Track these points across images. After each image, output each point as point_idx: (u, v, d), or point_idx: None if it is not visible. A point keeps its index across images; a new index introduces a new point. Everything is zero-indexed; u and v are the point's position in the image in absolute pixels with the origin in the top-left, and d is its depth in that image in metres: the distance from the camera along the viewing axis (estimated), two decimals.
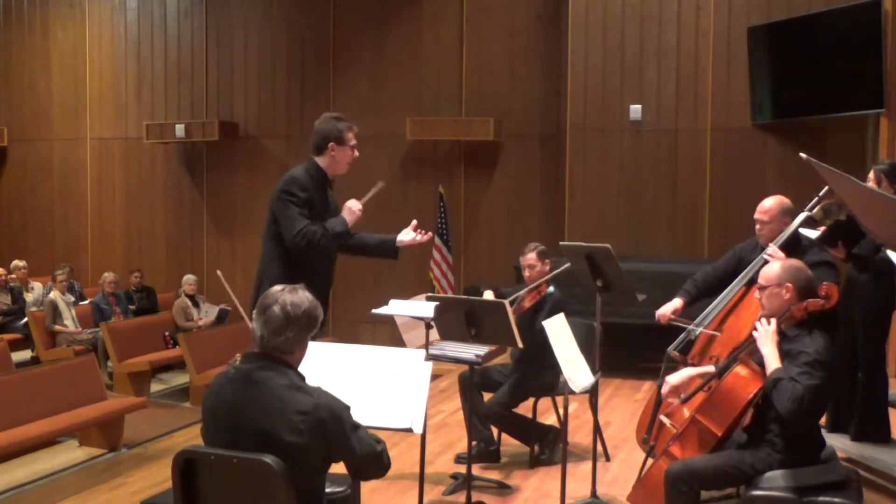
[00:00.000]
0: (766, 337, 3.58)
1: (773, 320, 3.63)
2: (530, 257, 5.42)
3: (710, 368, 3.87)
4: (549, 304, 5.30)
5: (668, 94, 9.36)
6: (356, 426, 2.74)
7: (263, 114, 11.55)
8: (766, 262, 4.27)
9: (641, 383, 7.84)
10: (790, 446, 3.54)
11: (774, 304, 3.66)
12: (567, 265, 5.15)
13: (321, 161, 4.42)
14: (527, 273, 5.42)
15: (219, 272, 4.18)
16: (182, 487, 2.78)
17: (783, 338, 3.64)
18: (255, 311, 2.82)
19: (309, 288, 2.88)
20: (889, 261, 4.78)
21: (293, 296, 2.79)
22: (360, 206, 4.39)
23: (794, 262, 3.84)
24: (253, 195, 11.01)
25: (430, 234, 4.58)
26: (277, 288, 2.83)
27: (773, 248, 4.43)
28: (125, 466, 6.04)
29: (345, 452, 2.75)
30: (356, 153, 4.46)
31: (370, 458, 2.76)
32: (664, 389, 3.87)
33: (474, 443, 5.31)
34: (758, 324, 3.65)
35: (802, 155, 2.57)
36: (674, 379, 3.85)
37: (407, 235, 4.55)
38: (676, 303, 4.75)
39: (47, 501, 5.36)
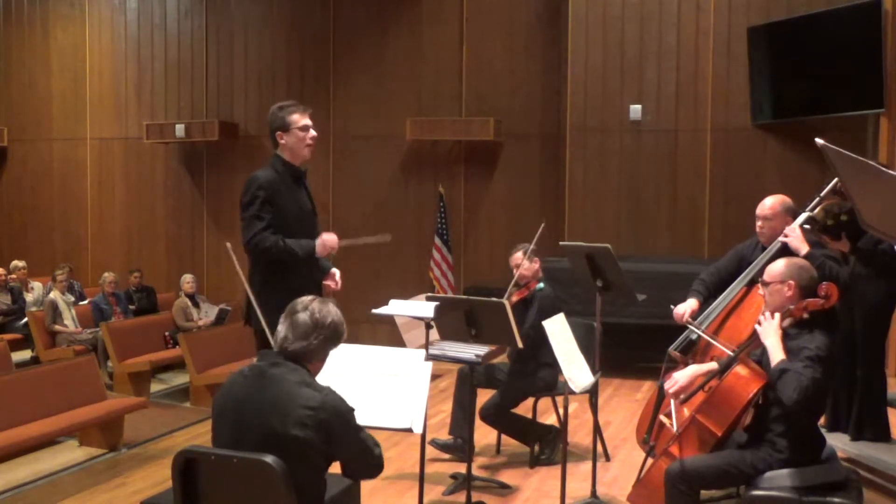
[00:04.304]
0: (770, 328, 3.58)
1: (777, 314, 3.64)
2: (516, 257, 5.55)
3: (714, 365, 3.86)
4: (539, 301, 5.38)
5: (668, 94, 9.36)
6: (359, 428, 2.80)
7: (263, 114, 11.39)
8: (784, 243, 4.31)
9: (641, 383, 7.84)
10: (790, 446, 3.54)
11: (777, 300, 3.68)
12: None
13: (282, 153, 4.40)
14: (516, 272, 5.48)
15: (228, 244, 4.13)
16: (182, 487, 2.79)
17: (784, 336, 3.65)
18: (282, 315, 2.87)
19: (292, 293, 2.91)
20: (891, 254, 4.77)
21: (323, 306, 2.86)
22: (336, 244, 4.33)
23: (799, 260, 3.84)
24: None
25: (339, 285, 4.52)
26: (308, 297, 2.89)
27: (791, 227, 4.42)
28: (125, 466, 6.04)
29: (346, 452, 2.79)
30: (310, 133, 4.38)
31: (369, 461, 2.82)
32: (671, 387, 3.85)
33: (450, 437, 5.57)
34: (761, 317, 3.65)
35: (818, 140, 2.59)
36: (681, 377, 3.83)
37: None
38: (693, 304, 4.68)
39: (47, 501, 5.36)
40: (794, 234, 4.37)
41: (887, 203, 2.94)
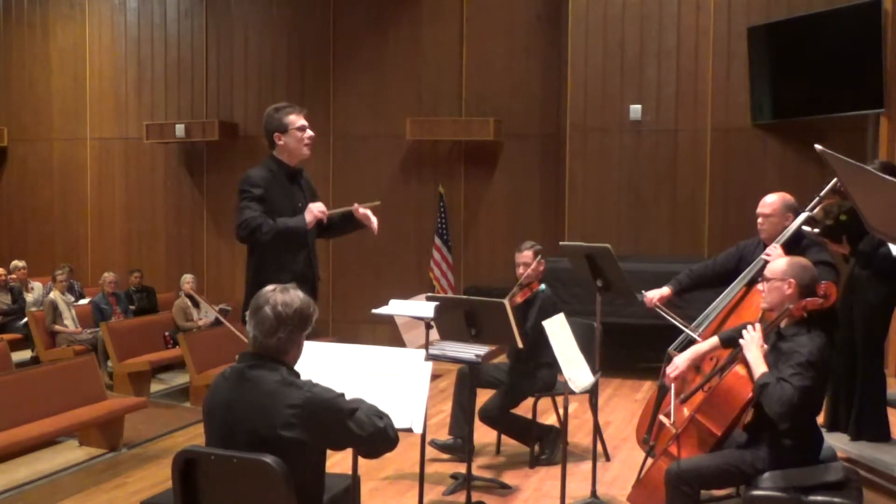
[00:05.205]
0: (752, 343, 3.60)
1: (759, 326, 3.66)
2: (526, 255, 5.49)
3: (715, 340, 3.90)
4: (540, 301, 5.38)
5: (668, 94, 9.36)
6: (353, 410, 2.71)
7: (263, 114, 11.52)
8: (765, 262, 4.28)
9: (641, 383, 7.84)
10: (790, 446, 3.55)
11: (775, 297, 3.68)
12: None
13: (278, 154, 4.40)
14: (520, 270, 5.47)
15: (196, 296, 4.19)
16: (182, 487, 2.78)
17: (780, 337, 3.65)
18: (248, 312, 2.83)
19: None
20: (891, 257, 4.77)
21: (284, 295, 2.79)
22: (323, 210, 4.32)
23: (802, 260, 3.83)
24: None
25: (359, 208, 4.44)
26: (269, 288, 2.83)
27: (772, 247, 4.43)
28: (125, 466, 6.04)
29: (348, 439, 2.74)
30: (307, 133, 4.39)
31: (376, 438, 2.73)
32: (672, 372, 3.90)
33: (450, 437, 5.59)
34: (744, 331, 3.67)
35: (818, 147, 2.60)
36: (681, 360, 3.87)
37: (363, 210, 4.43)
38: (664, 290, 4.76)
39: (47, 501, 5.37)
40: (776, 255, 4.33)
41: (886, 206, 2.95)
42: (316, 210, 4.30)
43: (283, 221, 4.24)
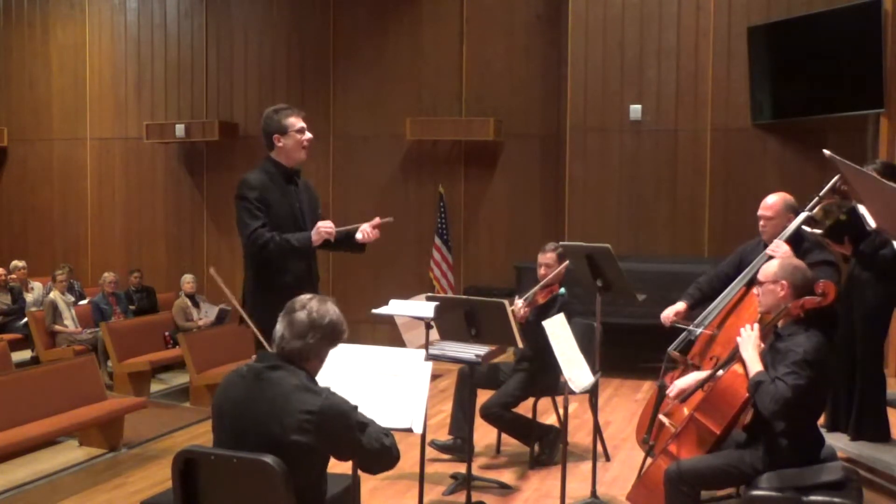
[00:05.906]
0: (749, 342, 3.61)
1: (757, 326, 3.66)
2: (550, 257, 5.45)
3: (719, 374, 3.88)
4: (559, 304, 5.38)
5: (668, 94, 9.35)
6: (364, 424, 2.75)
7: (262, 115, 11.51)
8: (770, 257, 4.30)
9: (641, 383, 7.84)
10: (790, 445, 3.55)
11: (769, 300, 3.69)
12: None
13: (276, 156, 4.39)
14: (542, 271, 5.46)
15: (212, 270, 4.18)
16: (182, 487, 2.79)
17: (777, 336, 3.66)
18: (280, 314, 2.84)
19: (285, 290, 2.90)
20: (893, 259, 4.78)
21: (321, 305, 2.83)
22: (330, 230, 4.28)
23: (794, 261, 3.84)
24: None
25: (378, 221, 4.37)
26: (307, 296, 2.86)
27: (777, 243, 4.43)
28: (125, 466, 6.04)
29: (354, 452, 2.77)
30: (306, 135, 4.37)
31: (382, 454, 2.78)
32: (671, 392, 3.92)
33: (451, 436, 5.59)
34: (742, 329, 3.67)
35: (826, 152, 2.62)
36: (682, 383, 3.90)
37: (364, 233, 4.40)
38: (679, 306, 4.80)
39: (47, 501, 5.37)
40: (781, 250, 4.35)
41: (888, 207, 3.00)
42: (323, 230, 4.27)
43: (290, 239, 4.23)
